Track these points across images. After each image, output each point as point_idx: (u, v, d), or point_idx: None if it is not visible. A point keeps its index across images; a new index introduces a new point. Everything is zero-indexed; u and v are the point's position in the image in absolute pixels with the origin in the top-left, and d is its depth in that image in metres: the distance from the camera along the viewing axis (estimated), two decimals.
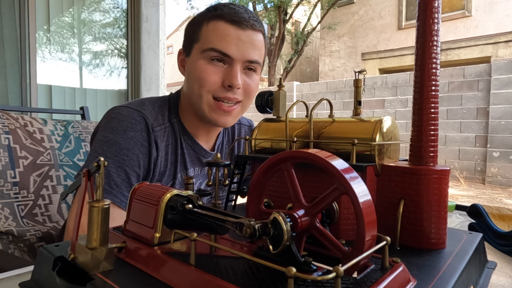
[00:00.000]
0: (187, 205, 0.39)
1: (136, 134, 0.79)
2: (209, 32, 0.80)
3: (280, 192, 0.50)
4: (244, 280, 0.31)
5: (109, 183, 0.74)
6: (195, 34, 0.83)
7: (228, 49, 0.78)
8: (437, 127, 0.45)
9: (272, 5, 12.12)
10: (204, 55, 0.80)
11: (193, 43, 0.83)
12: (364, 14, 11.36)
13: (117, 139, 0.77)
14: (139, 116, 0.81)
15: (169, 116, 0.87)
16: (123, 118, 0.80)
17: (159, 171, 0.84)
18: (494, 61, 5.41)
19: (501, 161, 5.31)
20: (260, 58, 0.84)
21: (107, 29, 3.10)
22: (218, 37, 0.79)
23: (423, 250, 0.42)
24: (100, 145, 0.78)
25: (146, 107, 0.84)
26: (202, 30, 0.81)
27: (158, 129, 0.83)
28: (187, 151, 0.88)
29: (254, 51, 0.81)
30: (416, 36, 0.45)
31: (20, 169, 1.05)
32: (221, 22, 0.79)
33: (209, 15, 0.81)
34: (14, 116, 1.13)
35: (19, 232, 0.99)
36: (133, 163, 0.77)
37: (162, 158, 0.84)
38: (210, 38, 0.80)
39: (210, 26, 0.80)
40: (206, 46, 0.79)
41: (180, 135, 0.87)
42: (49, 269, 0.38)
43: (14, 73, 2.48)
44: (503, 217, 0.78)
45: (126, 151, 0.77)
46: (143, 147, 0.80)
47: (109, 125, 0.80)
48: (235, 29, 0.79)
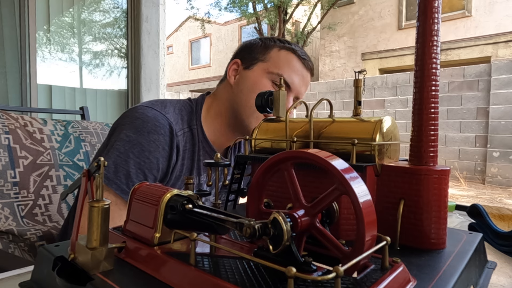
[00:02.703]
0: (187, 205, 0.39)
1: (159, 137, 0.79)
2: (280, 59, 0.89)
3: (280, 192, 0.50)
4: (244, 280, 0.31)
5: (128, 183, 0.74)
6: (263, 54, 0.90)
7: (292, 81, 0.88)
8: (437, 127, 0.45)
9: (272, 5, 12.11)
10: (269, 76, 0.87)
11: (258, 61, 0.90)
12: (364, 14, 11.36)
13: (140, 141, 0.77)
14: (164, 120, 0.81)
15: (189, 121, 0.88)
16: (147, 120, 0.80)
17: (175, 176, 0.84)
18: (494, 61, 5.41)
19: (501, 161, 5.31)
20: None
21: (107, 29, 3.10)
22: (287, 67, 0.88)
23: (423, 250, 0.42)
24: (122, 144, 0.78)
25: (168, 110, 0.85)
26: (272, 54, 0.89)
27: (180, 133, 0.84)
28: (203, 157, 0.89)
29: (304, 90, 0.92)
30: (416, 36, 0.45)
31: (20, 169, 1.05)
32: (293, 55, 0.89)
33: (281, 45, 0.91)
34: (14, 116, 1.13)
35: (19, 231, 0.99)
36: (153, 166, 0.78)
37: (179, 163, 0.84)
38: (280, 64, 0.88)
39: (282, 54, 0.89)
40: (274, 70, 0.87)
41: (199, 142, 0.88)
42: (49, 269, 0.38)
43: (14, 73, 2.48)
44: (503, 217, 0.78)
45: (147, 153, 0.77)
46: (164, 151, 0.80)
47: (133, 124, 0.80)
48: (301, 66, 0.90)
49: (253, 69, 0.89)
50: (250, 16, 12.79)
